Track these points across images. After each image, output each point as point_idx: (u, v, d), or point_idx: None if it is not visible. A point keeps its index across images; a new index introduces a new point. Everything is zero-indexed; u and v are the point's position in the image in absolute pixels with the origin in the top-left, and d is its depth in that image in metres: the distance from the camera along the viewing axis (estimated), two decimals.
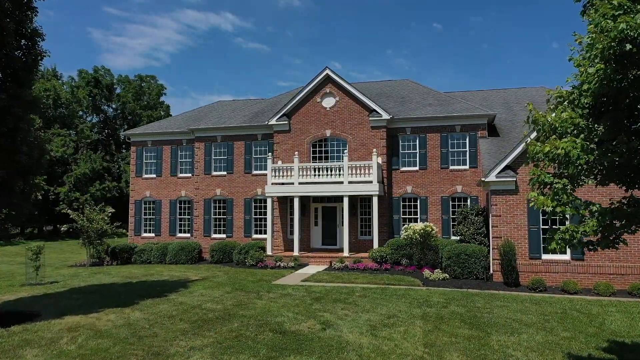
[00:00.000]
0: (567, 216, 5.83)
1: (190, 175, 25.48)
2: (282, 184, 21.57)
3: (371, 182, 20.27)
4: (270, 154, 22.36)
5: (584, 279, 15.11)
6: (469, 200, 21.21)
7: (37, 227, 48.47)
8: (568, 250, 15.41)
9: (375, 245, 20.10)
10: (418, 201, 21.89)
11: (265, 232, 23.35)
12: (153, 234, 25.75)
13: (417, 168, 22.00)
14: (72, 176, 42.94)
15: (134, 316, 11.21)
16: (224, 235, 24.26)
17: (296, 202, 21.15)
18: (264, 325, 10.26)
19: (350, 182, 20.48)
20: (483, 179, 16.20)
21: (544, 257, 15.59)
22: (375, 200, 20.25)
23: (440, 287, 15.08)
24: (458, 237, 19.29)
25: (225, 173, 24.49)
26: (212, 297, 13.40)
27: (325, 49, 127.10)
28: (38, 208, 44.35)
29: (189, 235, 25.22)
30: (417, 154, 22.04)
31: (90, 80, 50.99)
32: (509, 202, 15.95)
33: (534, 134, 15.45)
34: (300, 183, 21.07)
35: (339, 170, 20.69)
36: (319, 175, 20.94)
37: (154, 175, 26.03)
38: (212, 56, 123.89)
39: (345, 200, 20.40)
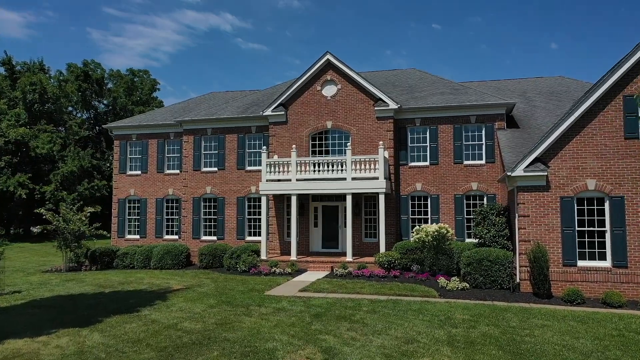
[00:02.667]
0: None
1: (178, 171, 23.30)
2: (279, 180, 19.41)
3: (377, 178, 18.12)
4: (265, 147, 20.17)
5: (628, 289, 12.96)
6: (485, 199, 19.09)
7: (22, 228, 46.24)
8: (609, 256, 13.28)
9: (382, 248, 17.95)
10: (429, 200, 19.74)
11: (259, 234, 21.22)
12: (138, 236, 23.57)
13: (427, 163, 19.86)
14: (59, 174, 40.63)
15: (91, 340, 9.05)
16: (214, 237, 22.08)
17: (294, 200, 18.99)
18: (251, 355, 8.12)
19: (353, 179, 18.34)
20: (508, 174, 14.04)
21: (580, 263, 13.45)
22: (381, 198, 18.10)
23: (461, 298, 12.94)
24: (475, 240, 17.11)
25: (216, 169, 22.31)
26: (192, 313, 11.25)
27: (324, 49, 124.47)
28: (23, 208, 42.21)
29: (176, 237, 23.03)
30: (428, 148, 19.90)
31: (80, 75, 48.54)
32: (538, 200, 13.79)
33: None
34: (298, 179, 18.92)
35: (341, 166, 18.55)
36: (319, 170, 18.77)
37: (139, 172, 23.83)
38: (212, 56, 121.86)
39: (348, 199, 18.27)
